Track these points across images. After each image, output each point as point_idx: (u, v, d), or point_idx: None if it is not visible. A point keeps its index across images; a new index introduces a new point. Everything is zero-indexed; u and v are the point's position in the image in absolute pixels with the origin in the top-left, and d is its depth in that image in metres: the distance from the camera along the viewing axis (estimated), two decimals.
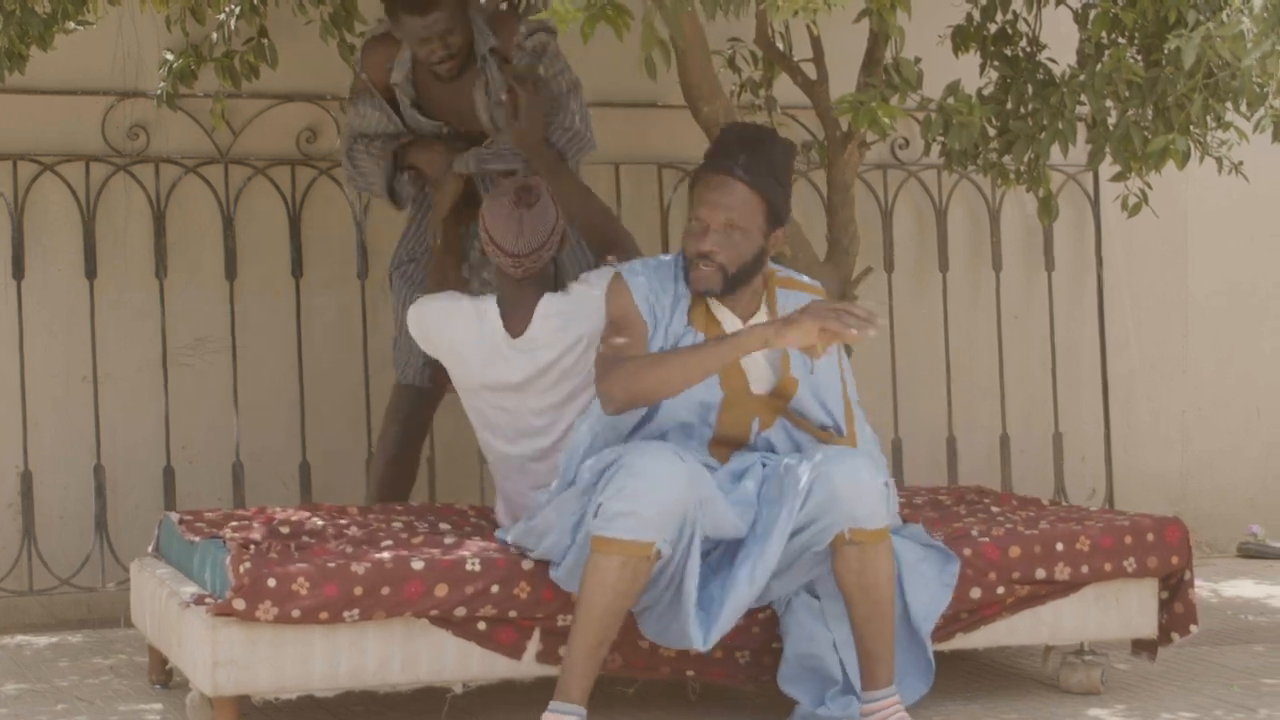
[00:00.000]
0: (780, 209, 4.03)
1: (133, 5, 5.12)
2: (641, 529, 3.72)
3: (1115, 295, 6.29)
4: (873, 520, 3.89)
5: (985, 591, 4.21)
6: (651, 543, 3.73)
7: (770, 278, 4.11)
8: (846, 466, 3.87)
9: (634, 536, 3.72)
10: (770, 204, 4.00)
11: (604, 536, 3.74)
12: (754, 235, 3.98)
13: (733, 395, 4.02)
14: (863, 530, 3.88)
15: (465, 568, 3.89)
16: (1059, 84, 4.72)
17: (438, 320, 4.35)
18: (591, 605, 3.74)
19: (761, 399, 4.05)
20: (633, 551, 3.73)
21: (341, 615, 3.80)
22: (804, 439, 4.08)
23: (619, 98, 5.73)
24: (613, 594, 3.74)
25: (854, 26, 4.56)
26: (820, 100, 5.06)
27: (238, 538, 4.07)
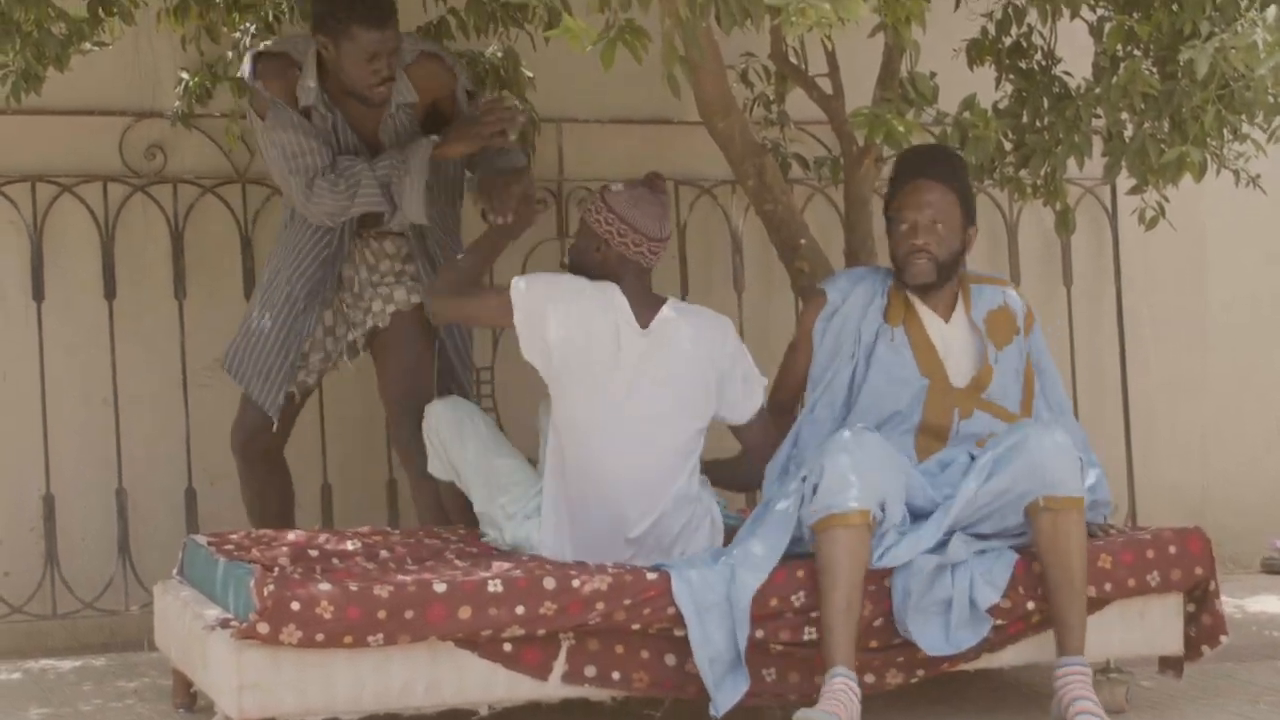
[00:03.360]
0: (971, 206, 4.51)
1: (148, 25, 5.16)
2: (859, 499, 4.08)
3: (1134, 309, 6.29)
4: (1064, 488, 4.18)
5: (1015, 605, 4.22)
6: (868, 510, 4.08)
7: (963, 277, 4.55)
8: (1043, 436, 4.22)
9: (851, 508, 4.08)
10: (964, 200, 4.48)
11: (830, 514, 4.06)
12: (955, 229, 4.46)
13: (935, 384, 4.46)
14: (1055, 498, 4.17)
15: (488, 589, 3.90)
16: (1075, 97, 4.73)
17: (569, 294, 4.31)
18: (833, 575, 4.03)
19: (961, 391, 4.47)
20: (854, 521, 4.07)
21: (365, 639, 3.82)
22: (999, 427, 4.42)
23: (634, 114, 5.76)
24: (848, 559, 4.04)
25: (869, 41, 4.58)
26: (836, 115, 5.08)
27: (261, 560, 4.09)
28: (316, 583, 3.87)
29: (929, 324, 4.52)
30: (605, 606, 3.94)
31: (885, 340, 4.51)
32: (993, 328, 4.53)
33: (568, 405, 4.28)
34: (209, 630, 3.97)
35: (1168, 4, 4.53)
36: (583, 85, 5.53)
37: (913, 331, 4.51)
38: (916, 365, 4.49)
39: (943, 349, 4.51)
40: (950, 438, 4.47)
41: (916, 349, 4.51)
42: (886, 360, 4.51)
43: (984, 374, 4.49)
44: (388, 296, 4.84)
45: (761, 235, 5.37)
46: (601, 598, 3.94)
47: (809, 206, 5.85)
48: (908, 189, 4.50)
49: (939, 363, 4.50)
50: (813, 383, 4.58)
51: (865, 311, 4.53)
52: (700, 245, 5.90)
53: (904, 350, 4.50)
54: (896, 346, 4.51)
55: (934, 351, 4.50)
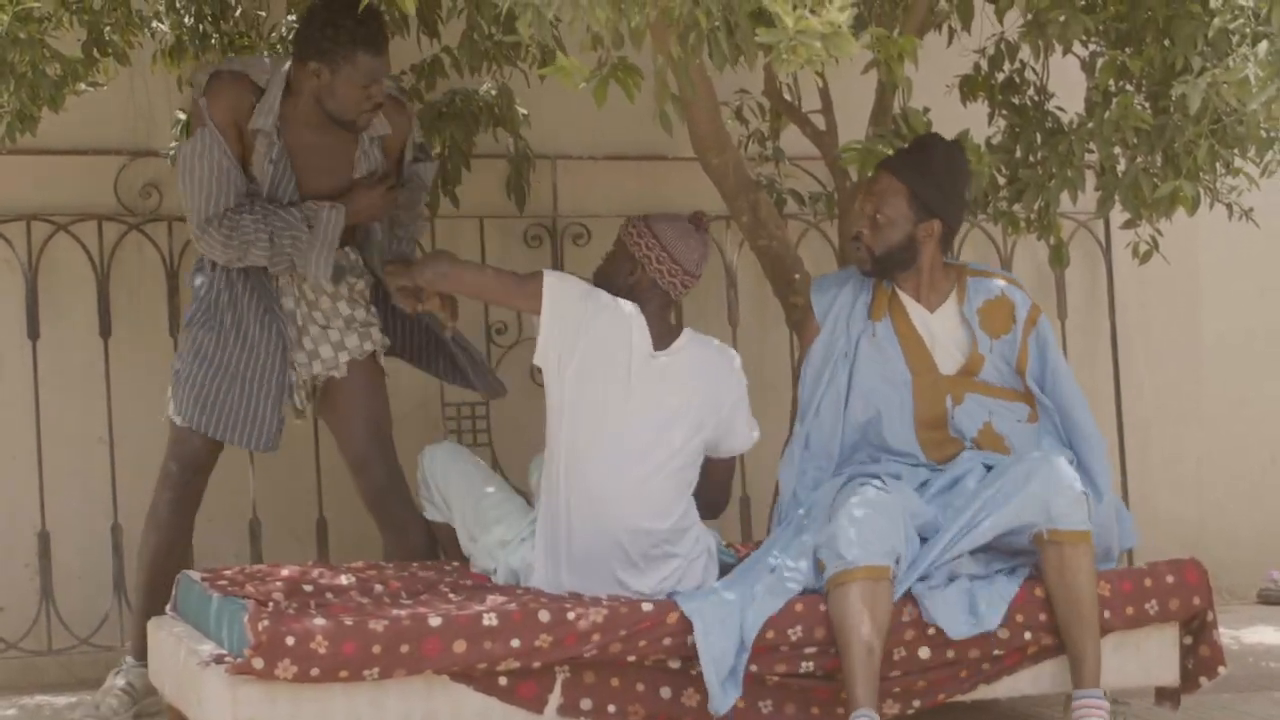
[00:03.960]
0: (928, 200, 4.49)
1: (143, 66, 5.19)
2: (878, 556, 4.15)
3: (1129, 342, 6.32)
4: (1068, 521, 4.22)
5: (1013, 634, 4.24)
6: (888, 566, 4.15)
7: (962, 270, 4.61)
8: (1047, 470, 4.27)
9: (871, 562, 4.13)
10: (914, 194, 4.48)
11: (853, 568, 4.12)
12: (899, 222, 4.50)
13: (922, 376, 4.52)
14: (1059, 531, 4.22)
15: (483, 623, 3.92)
16: (1067, 132, 4.77)
17: (597, 308, 4.35)
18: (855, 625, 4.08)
19: (951, 378, 4.53)
20: (874, 575, 4.12)
21: (361, 674, 3.83)
22: (996, 405, 4.52)
23: (628, 150, 5.79)
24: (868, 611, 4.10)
25: (862, 77, 4.62)
26: (829, 151, 5.11)
27: (256, 595, 4.10)
28: (311, 617, 3.88)
29: (914, 314, 4.58)
30: (601, 639, 3.96)
31: (867, 337, 4.58)
32: (987, 318, 4.57)
33: (570, 425, 4.30)
34: (204, 666, 3.97)
35: (1160, 39, 4.57)
36: (576, 122, 5.58)
37: (898, 323, 4.58)
38: (903, 357, 4.54)
39: (929, 339, 4.57)
40: (948, 426, 4.52)
41: (902, 340, 4.57)
42: (870, 356, 4.58)
43: (973, 361, 4.54)
44: (339, 344, 4.79)
45: (756, 270, 5.39)
46: (598, 630, 3.96)
47: (803, 241, 5.88)
48: (868, 178, 4.64)
49: (926, 352, 4.56)
50: (815, 384, 4.63)
51: (852, 310, 4.61)
52: None
53: (889, 344, 4.56)
54: (879, 342, 4.56)
55: (920, 342, 4.56)
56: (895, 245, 4.52)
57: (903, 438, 4.52)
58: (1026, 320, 4.59)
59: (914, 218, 4.51)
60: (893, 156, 4.60)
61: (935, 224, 4.53)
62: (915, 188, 4.50)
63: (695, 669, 4.07)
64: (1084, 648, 4.22)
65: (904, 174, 4.52)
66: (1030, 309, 4.61)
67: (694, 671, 4.07)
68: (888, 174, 4.54)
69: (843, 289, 4.66)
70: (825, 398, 4.60)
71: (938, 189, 4.53)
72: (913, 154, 4.57)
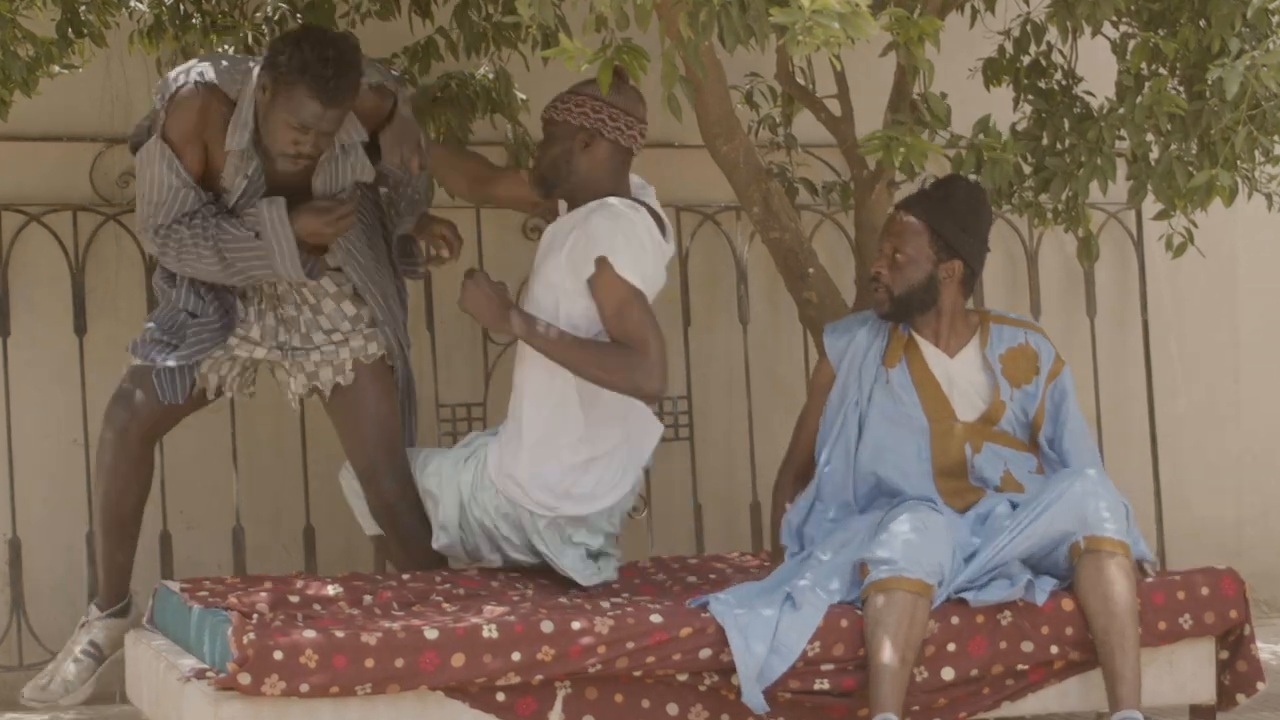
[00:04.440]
0: (950, 240, 4.55)
1: (120, 48, 5.19)
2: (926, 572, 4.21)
3: (1162, 339, 6.32)
4: (1106, 529, 4.27)
5: (1038, 649, 4.24)
6: (932, 585, 4.21)
7: (985, 316, 4.68)
8: (1085, 480, 4.34)
9: (918, 576, 4.19)
10: (935, 233, 4.54)
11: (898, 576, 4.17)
12: (921, 263, 4.54)
13: (940, 423, 4.56)
14: (1097, 538, 4.26)
15: (482, 635, 3.92)
16: (1097, 118, 4.76)
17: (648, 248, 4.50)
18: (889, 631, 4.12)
19: (970, 425, 4.57)
20: (918, 588, 4.18)
21: (353, 689, 3.83)
22: (1011, 455, 4.58)
23: None
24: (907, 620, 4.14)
25: (880, 60, 4.62)
26: (845, 138, 5.11)
27: (240, 607, 4.10)
28: (299, 630, 3.88)
29: (932, 360, 4.61)
30: (607, 651, 3.96)
31: (880, 385, 4.61)
32: (1009, 366, 4.60)
33: None
34: (185, 681, 3.98)
35: (1195, 19, 4.57)
36: None
37: (914, 369, 4.60)
38: (920, 403, 4.57)
39: (947, 384, 4.59)
40: (968, 474, 4.53)
41: (919, 386, 4.59)
42: (883, 404, 4.61)
43: (994, 409, 4.57)
44: (343, 344, 4.75)
45: (768, 264, 5.39)
46: (603, 642, 3.97)
47: (817, 234, 5.88)
48: (887, 218, 4.71)
49: (944, 398, 4.58)
50: (824, 431, 4.69)
51: (866, 356, 4.65)
52: (703, 274, 5.92)
53: (904, 390, 4.59)
54: (893, 389, 4.60)
55: (937, 388, 4.58)
56: (915, 286, 4.56)
57: (920, 486, 4.54)
58: (1049, 372, 4.64)
59: (935, 257, 4.56)
60: (913, 196, 4.67)
61: (957, 264, 4.58)
62: (936, 226, 4.56)
63: (704, 684, 4.08)
64: (1122, 664, 4.22)
65: (924, 213, 4.58)
66: (1054, 361, 4.67)
67: (702, 687, 4.09)
68: (908, 213, 4.60)
69: (858, 333, 4.70)
70: (836, 447, 4.65)
71: (960, 228, 4.58)
72: (934, 193, 4.63)
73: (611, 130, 4.53)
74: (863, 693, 4.15)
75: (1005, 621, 4.27)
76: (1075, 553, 4.29)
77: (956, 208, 4.59)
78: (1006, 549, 4.31)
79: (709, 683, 4.09)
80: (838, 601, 4.25)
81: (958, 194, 4.61)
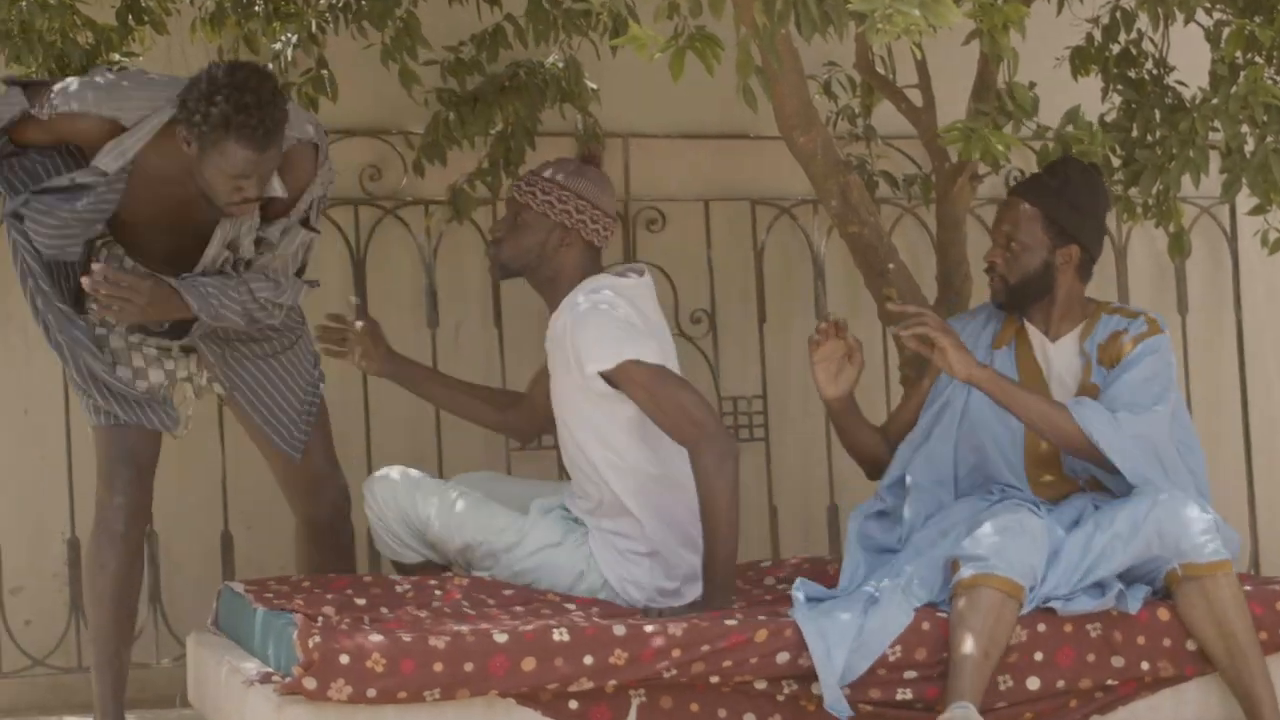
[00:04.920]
0: (1065, 224, 4.58)
1: (182, 35, 5.25)
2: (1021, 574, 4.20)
3: (1256, 338, 6.31)
4: (1201, 553, 4.23)
5: (1129, 663, 4.26)
6: (1023, 587, 4.20)
7: (1102, 306, 4.68)
8: (1167, 504, 4.28)
9: (1008, 575, 4.19)
10: (1049, 218, 4.57)
11: (992, 574, 4.17)
12: (1035, 249, 4.59)
13: None
14: (1193, 564, 4.23)
15: (553, 638, 3.94)
16: (1189, 109, 4.77)
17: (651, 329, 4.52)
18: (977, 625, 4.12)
19: None
20: (1010, 589, 4.18)
21: (421, 694, 3.86)
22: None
23: (706, 128, 5.83)
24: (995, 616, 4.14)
25: (963, 49, 4.64)
26: (927, 129, 5.13)
27: (305, 609, 4.15)
28: (365, 633, 3.90)
29: (1036, 346, 4.66)
30: (681, 656, 3.98)
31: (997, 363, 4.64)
32: (1105, 351, 4.63)
33: None
34: (248, 686, 4.01)
35: None
36: (651, 97, 5.62)
37: (1020, 354, 4.65)
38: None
39: (1046, 369, 4.64)
40: (1061, 465, 4.58)
41: (1021, 370, 4.64)
42: None
43: (1085, 392, 4.58)
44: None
45: (846, 259, 5.43)
46: (677, 645, 3.97)
47: (897, 228, 5.91)
48: (1000, 205, 4.74)
49: (1042, 384, 4.62)
50: (929, 406, 4.73)
51: (977, 341, 4.69)
52: (779, 269, 5.96)
53: (1006, 373, 4.62)
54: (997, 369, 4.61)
55: (1038, 373, 4.63)
56: (1031, 273, 4.61)
57: (1013, 473, 4.59)
58: (1133, 339, 4.60)
59: (1050, 243, 4.60)
60: (1025, 181, 4.72)
61: (1074, 249, 4.62)
62: (1051, 211, 4.60)
63: (782, 693, 4.10)
64: (1251, 684, 4.22)
65: (1038, 197, 4.61)
66: (1142, 329, 4.60)
67: (780, 696, 4.10)
68: (1021, 198, 4.64)
69: (972, 321, 4.77)
70: (939, 422, 4.69)
71: (1075, 211, 4.61)
72: (1047, 177, 4.65)
73: (589, 232, 4.54)
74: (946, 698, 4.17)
75: (1095, 633, 4.26)
76: (1173, 579, 4.28)
77: (1071, 191, 4.61)
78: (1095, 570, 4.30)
79: (788, 691, 4.09)
80: (924, 604, 4.27)
81: (1072, 177, 4.63)
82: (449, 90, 5.51)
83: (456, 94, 5.50)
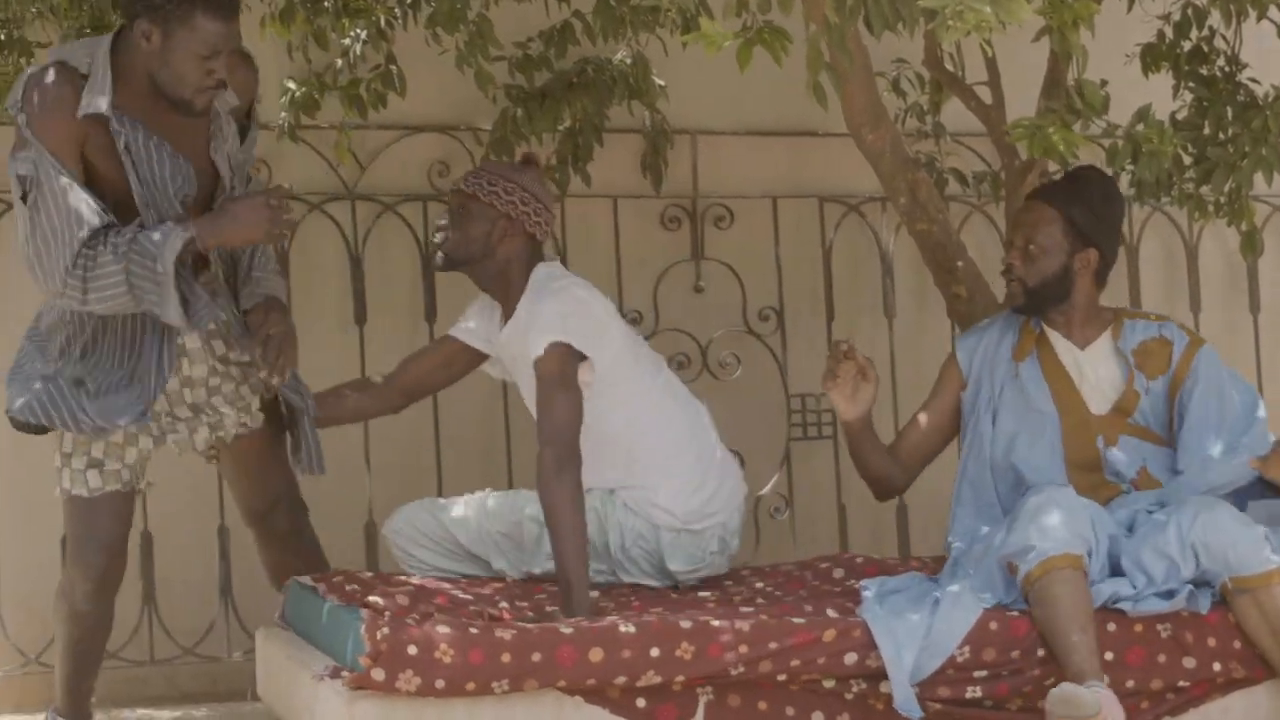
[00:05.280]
0: (1084, 228, 4.60)
1: (251, 31, 5.23)
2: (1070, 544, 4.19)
3: None
4: (1250, 565, 4.20)
5: (1201, 665, 4.24)
6: (1081, 555, 4.19)
7: (1120, 311, 4.71)
8: (1206, 520, 4.24)
9: (1064, 551, 4.18)
10: (1069, 221, 4.59)
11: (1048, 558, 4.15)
12: (1055, 253, 4.60)
13: (1070, 415, 4.60)
14: (1246, 578, 4.21)
15: (619, 630, 3.95)
16: (1262, 106, 4.75)
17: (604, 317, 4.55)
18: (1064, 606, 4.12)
19: (1102, 418, 4.60)
20: (1070, 563, 4.16)
21: (489, 686, 3.87)
22: (1150, 450, 4.59)
23: (774, 126, 5.85)
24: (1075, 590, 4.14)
25: (1033, 46, 4.63)
26: (996, 126, 5.13)
27: (373, 602, 4.18)
28: (433, 625, 3.91)
29: (1062, 352, 4.65)
30: (749, 652, 3.99)
31: (1010, 380, 4.66)
32: (1143, 358, 4.63)
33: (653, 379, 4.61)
34: (318, 680, 4.03)
35: None
36: (718, 94, 5.64)
37: (1045, 361, 4.65)
38: (1050, 396, 4.61)
39: (1078, 376, 4.63)
40: (1103, 468, 4.56)
41: (1050, 379, 4.63)
42: (1013, 400, 4.65)
43: (1127, 399, 4.59)
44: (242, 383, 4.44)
45: (914, 257, 5.43)
46: (743, 640, 3.98)
47: (966, 225, 5.90)
48: (1018, 209, 4.77)
49: (1074, 391, 4.62)
50: (963, 437, 4.76)
51: (995, 355, 4.70)
52: (847, 267, 5.97)
53: (1033, 384, 4.63)
54: (1022, 383, 4.63)
55: (1068, 380, 4.62)
56: (1050, 277, 4.61)
57: (1053, 481, 4.55)
58: (1184, 353, 4.63)
59: (1069, 247, 4.61)
60: (1042, 185, 4.75)
61: (1092, 254, 4.63)
62: (1070, 214, 4.61)
63: (850, 692, 4.10)
64: None
65: (1057, 201, 4.63)
66: (1187, 346, 4.65)
67: (849, 695, 4.10)
68: (1039, 202, 4.66)
69: (988, 332, 4.76)
70: (973, 449, 4.71)
71: (1093, 216, 4.63)
72: (1065, 183, 4.69)
73: (532, 225, 4.56)
74: (1016, 699, 4.16)
75: (1165, 634, 4.24)
76: (1226, 591, 4.26)
77: (1089, 195, 4.63)
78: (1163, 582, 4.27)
79: (856, 690, 4.09)
80: (991, 606, 4.27)
81: (1089, 182, 4.66)
82: (517, 86, 5.53)
83: (525, 90, 5.52)
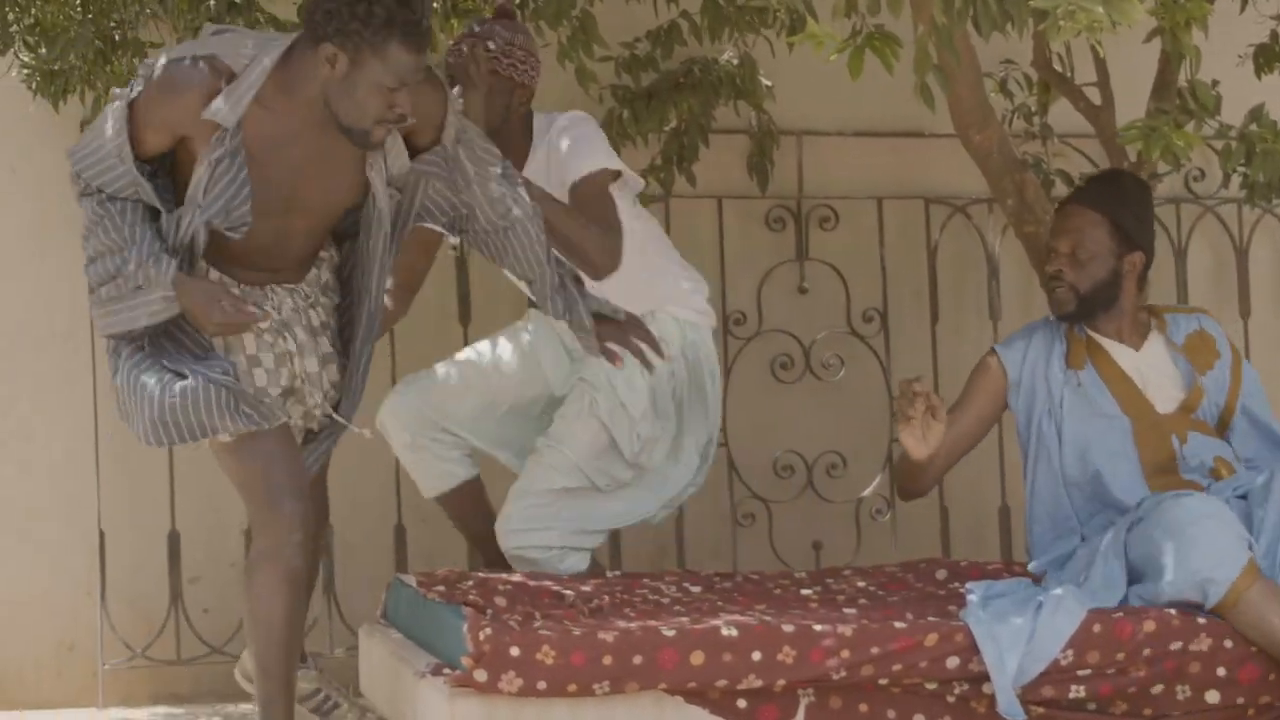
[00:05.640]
0: (1130, 231, 4.59)
1: None
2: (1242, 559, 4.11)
3: None
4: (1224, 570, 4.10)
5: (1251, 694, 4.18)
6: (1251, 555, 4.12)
7: (1154, 309, 4.71)
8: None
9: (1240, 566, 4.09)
10: (1115, 224, 4.57)
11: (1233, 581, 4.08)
12: (1103, 256, 4.58)
13: (1142, 419, 4.57)
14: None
15: (721, 633, 3.95)
16: None
17: None
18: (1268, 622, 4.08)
19: (1172, 416, 4.59)
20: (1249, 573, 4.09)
21: (591, 687, 3.87)
22: (1214, 443, 4.57)
23: (880, 126, 5.83)
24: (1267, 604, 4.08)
25: (1143, 47, 4.60)
26: (1105, 128, 5.10)
27: (474, 602, 4.20)
28: (535, 626, 3.94)
29: (1119, 357, 4.62)
30: (851, 656, 3.98)
31: (1071, 387, 4.62)
32: (1192, 353, 4.62)
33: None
34: (420, 677, 4.05)
35: None
36: (825, 95, 5.63)
37: (1103, 368, 4.62)
38: (1116, 402, 4.58)
39: (1140, 379, 4.60)
40: (1179, 469, 4.53)
41: (1111, 384, 4.60)
42: (1078, 408, 4.62)
43: (1194, 396, 4.59)
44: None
45: (1021, 259, 5.40)
46: (846, 645, 3.97)
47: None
48: (1058, 214, 4.73)
49: (1139, 394, 4.60)
50: (1022, 450, 4.72)
51: (1049, 361, 4.66)
52: (952, 269, 5.94)
53: (1096, 392, 4.60)
54: (1085, 390, 4.61)
55: (1130, 384, 4.60)
56: (1101, 281, 4.60)
57: (1133, 489, 4.52)
58: (1232, 359, 4.66)
59: (1117, 250, 4.61)
60: (1081, 190, 4.73)
61: (1138, 256, 4.63)
62: (1115, 218, 4.60)
63: (952, 694, 4.08)
64: None
65: (1101, 204, 4.61)
66: (1232, 349, 4.69)
67: (950, 698, 4.08)
68: (1083, 206, 4.63)
69: (1033, 340, 4.73)
70: (1039, 463, 4.67)
71: (1137, 218, 4.62)
72: (1105, 186, 4.66)
73: (534, 81, 4.73)
74: (1121, 701, 4.12)
75: None
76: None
77: (1130, 198, 4.61)
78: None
79: (958, 692, 4.07)
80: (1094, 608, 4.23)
81: (1127, 185, 4.64)
82: (623, 86, 5.54)
83: (631, 90, 5.53)
